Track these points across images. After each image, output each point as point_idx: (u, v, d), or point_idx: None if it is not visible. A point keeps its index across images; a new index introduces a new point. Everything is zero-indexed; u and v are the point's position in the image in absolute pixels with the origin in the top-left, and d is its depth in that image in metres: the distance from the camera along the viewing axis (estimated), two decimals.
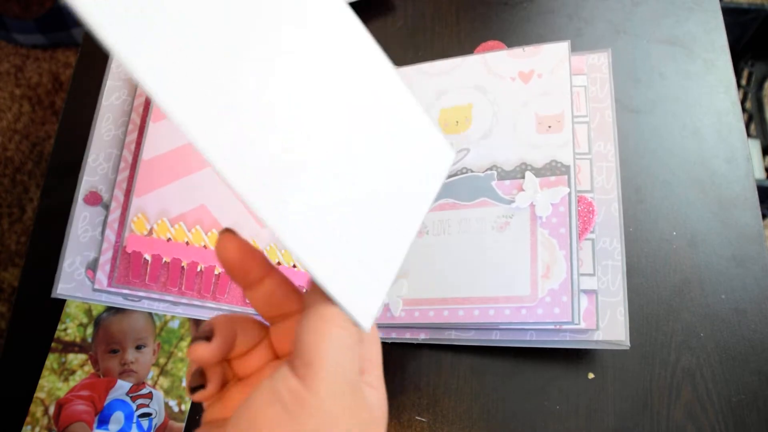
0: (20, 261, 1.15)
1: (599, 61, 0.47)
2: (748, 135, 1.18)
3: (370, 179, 0.32)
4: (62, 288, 0.42)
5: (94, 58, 0.55)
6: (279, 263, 0.45)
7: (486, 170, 0.44)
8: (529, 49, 0.45)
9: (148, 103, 0.45)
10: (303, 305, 0.24)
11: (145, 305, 0.43)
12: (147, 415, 0.44)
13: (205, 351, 0.24)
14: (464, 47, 0.57)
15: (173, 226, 0.43)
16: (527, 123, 0.44)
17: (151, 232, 0.42)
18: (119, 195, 0.44)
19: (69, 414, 0.44)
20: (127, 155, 0.44)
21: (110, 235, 0.43)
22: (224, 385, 0.26)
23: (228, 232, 0.24)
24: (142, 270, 0.41)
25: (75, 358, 0.46)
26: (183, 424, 0.45)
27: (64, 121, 0.54)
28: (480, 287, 0.42)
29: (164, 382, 0.45)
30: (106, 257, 0.42)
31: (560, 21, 0.57)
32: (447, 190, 0.45)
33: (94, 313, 0.47)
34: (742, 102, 1.22)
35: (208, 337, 0.24)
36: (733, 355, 0.45)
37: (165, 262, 0.42)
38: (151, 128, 0.44)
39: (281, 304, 0.26)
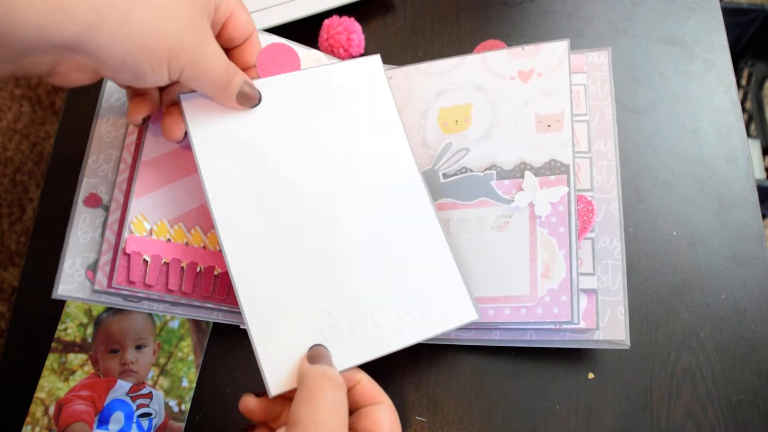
0: (20, 261, 1.15)
1: (599, 60, 0.47)
2: (748, 135, 1.18)
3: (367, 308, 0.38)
4: (62, 289, 0.42)
5: None
6: None
7: (485, 170, 0.44)
8: (529, 49, 0.45)
9: None
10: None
11: (145, 306, 0.43)
12: (147, 415, 0.44)
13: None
14: (464, 47, 0.57)
15: (173, 227, 0.43)
16: (527, 122, 0.44)
17: (150, 233, 0.42)
18: (119, 196, 0.43)
19: (69, 414, 0.44)
20: (127, 156, 0.44)
21: (110, 236, 0.43)
22: None
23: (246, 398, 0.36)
24: (141, 271, 0.41)
25: (75, 358, 0.46)
26: (183, 424, 0.45)
27: (64, 121, 0.54)
28: (479, 287, 0.42)
29: (164, 382, 0.45)
30: (106, 258, 0.42)
31: (560, 21, 0.57)
32: (446, 190, 0.45)
33: (94, 313, 0.47)
34: (742, 102, 1.22)
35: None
36: (733, 355, 0.45)
37: (165, 262, 0.42)
38: (151, 129, 0.44)
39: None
